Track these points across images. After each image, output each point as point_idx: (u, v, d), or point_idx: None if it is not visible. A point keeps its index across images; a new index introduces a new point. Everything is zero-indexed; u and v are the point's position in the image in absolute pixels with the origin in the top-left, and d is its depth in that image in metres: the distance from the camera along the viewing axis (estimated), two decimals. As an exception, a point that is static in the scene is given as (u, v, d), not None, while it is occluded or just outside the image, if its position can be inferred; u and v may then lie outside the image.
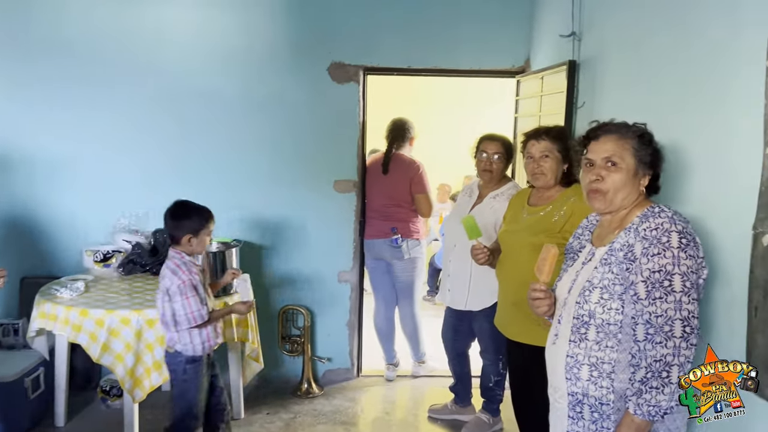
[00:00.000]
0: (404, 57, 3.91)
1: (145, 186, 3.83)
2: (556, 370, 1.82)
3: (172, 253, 2.66)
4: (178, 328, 2.62)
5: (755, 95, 1.67)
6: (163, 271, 2.63)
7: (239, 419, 3.50)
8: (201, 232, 2.67)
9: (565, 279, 1.88)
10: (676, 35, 2.16)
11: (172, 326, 2.62)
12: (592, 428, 1.74)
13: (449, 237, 3.42)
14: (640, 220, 1.71)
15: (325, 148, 3.91)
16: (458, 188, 6.15)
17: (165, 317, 2.63)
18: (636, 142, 1.75)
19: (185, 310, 2.59)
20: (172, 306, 2.60)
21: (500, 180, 3.25)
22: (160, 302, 2.64)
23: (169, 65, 3.78)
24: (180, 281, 2.58)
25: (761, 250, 1.65)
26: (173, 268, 2.61)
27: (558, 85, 3.19)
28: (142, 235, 3.71)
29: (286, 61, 3.83)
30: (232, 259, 3.31)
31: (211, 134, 3.86)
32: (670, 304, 1.59)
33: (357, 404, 3.79)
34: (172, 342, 2.67)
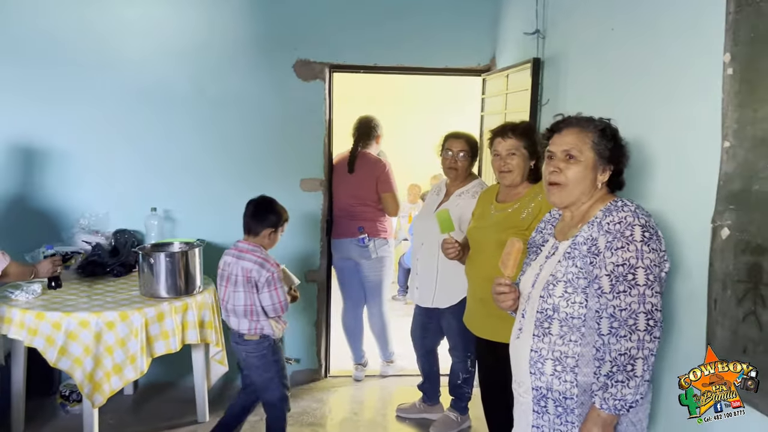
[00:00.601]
0: (371, 55, 3.89)
1: (106, 186, 3.74)
2: (520, 364, 1.81)
3: (250, 247, 2.76)
4: (268, 317, 2.78)
5: (714, 89, 1.69)
6: (245, 264, 2.72)
7: (204, 422, 3.44)
8: (279, 228, 2.83)
9: (529, 273, 1.88)
10: (636, 31, 2.19)
11: (261, 315, 2.75)
12: (557, 422, 1.74)
13: (417, 236, 3.41)
14: (603, 213, 1.71)
15: (291, 147, 3.87)
16: (428, 188, 6.15)
17: (251, 307, 2.74)
18: (596, 135, 1.76)
19: (273, 300, 2.75)
20: (259, 297, 2.73)
21: (466, 178, 3.25)
22: (242, 293, 2.73)
23: (131, 62, 3.69)
24: (269, 273, 2.72)
25: (720, 243, 1.67)
26: (260, 261, 2.72)
27: (523, 83, 3.20)
28: (102, 236, 3.62)
29: (251, 57, 3.77)
30: (195, 260, 3.24)
31: (173, 132, 3.78)
32: (634, 297, 1.60)
33: (325, 405, 3.75)
34: (256, 329, 2.77)
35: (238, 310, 2.77)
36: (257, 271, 2.72)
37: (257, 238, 2.80)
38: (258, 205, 2.82)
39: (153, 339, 3.00)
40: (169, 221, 3.80)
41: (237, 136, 3.83)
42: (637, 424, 1.74)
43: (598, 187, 1.78)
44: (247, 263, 2.73)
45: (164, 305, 3.05)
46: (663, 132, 1.98)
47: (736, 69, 1.62)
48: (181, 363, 3.60)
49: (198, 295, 3.24)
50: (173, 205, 3.81)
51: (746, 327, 1.56)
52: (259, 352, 2.82)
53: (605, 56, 2.44)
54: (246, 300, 2.74)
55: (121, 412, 3.53)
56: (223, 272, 2.82)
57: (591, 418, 1.66)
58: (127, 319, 2.92)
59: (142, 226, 3.73)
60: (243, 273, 2.73)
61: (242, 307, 2.75)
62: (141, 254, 3.15)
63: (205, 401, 3.46)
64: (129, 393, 3.77)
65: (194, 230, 3.79)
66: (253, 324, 2.77)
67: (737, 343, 1.59)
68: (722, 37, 1.66)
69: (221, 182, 3.84)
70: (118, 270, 3.48)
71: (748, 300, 1.56)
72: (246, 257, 2.75)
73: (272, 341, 2.84)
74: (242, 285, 2.73)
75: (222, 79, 3.77)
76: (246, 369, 2.92)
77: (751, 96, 1.57)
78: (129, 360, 2.92)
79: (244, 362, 2.90)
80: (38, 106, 3.64)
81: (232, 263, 2.78)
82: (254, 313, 2.76)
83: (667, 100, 1.97)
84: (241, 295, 2.75)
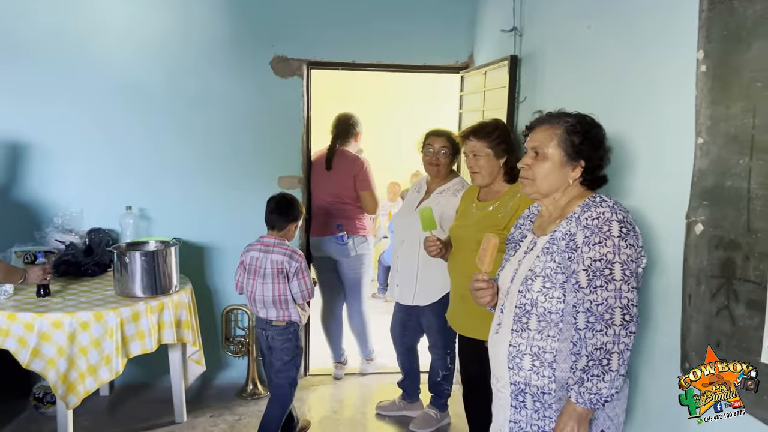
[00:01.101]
0: (349, 52, 3.87)
1: (80, 184, 3.67)
2: (499, 359, 1.82)
3: (277, 240, 2.95)
4: (296, 304, 2.97)
5: (688, 86, 1.70)
6: (275, 257, 2.91)
7: (181, 423, 3.40)
8: (299, 220, 3.03)
9: (507, 269, 1.88)
10: (612, 28, 2.20)
11: (290, 303, 2.95)
12: (534, 417, 1.75)
13: (398, 233, 3.40)
14: (581, 209, 1.72)
15: (268, 144, 3.84)
16: (408, 186, 6.14)
17: (280, 297, 2.92)
18: (564, 132, 1.76)
19: (301, 288, 2.95)
20: (290, 286, 2.93)
21: (447, 175, 3.26)
22: (271, 285, 2.91)
23: (107, 60, 3.62)
24: (297, 263, 2.93)
25: (694, 239, 1.68)
26: (289, 253, 2.92)
27: (500, 80, 3.21)
28: (76, 235, 3.55)
29: (228, 54, 3.73)
30: (172, 258, 3.20)
31: (149, 130, 3.72)
32: (611, 292, 1.60)
33: (304, 404, 3.73)
34: (284, 317, 2.96)
35: (267, 300, 2.94)
36: (288, 262, 2.91)
37: (282, 232, 2.97)
38: (280, 202, 2.99)
39: (128, 339, 2.96)
40: (144, 220, 3.75)
41: (214, 134, 3.78)
42: (614, 418, 1.75)
43: (570, 183, 1.78)
44: (277, 256, 2.91)
45: (140, 305, 3.01)
46: (639, 129, 2.00)
47: (709, 66, 1.64)
48: (158, 363, 3.56)
49: (174, 294, 3.21)
50: (149, 203, 3.76)
51: (719, 321, 1.58)
52: (285, 336, 2.99)
53: (582, 54, 2.45)
54: (275, 291, 2.92)
55: (96, 414, 3.48)
56: (250, 266, 2.96)
57: (566, 412, 1.66)
58: (102, 319, 2.87)
59: (117, 225, 3.67)
60: (273, 265, 2.90)
61: (271, 297, 2.93)
62: (116, 253, 3.10)
63: (182, 402, 3.42)
64: (105, 394, 3.72)
65: (170, 229, 3.74)
66: (281, 312, 2.95)
67: (711, 338, 1.61)
68: (696, 35, 1.68)
69: (198, 180, 3.80)
70: (93, 269, 3.42)
71: (722, 295, 1.57)
72: (275, 251, 2.92)
73: (297, 327, 3.04)
74: (271, 277, 2.91)
75: (199, 77, 3.72)
76: (269, 353, 3.04)
77: (723, 93, 1.58)
78: (104, 361, 2.88)
79: (269, 347, 3.03)
80: (12, 104, 3.56)
81: (260, 257, 2.93)
82: (283, 301, 2.94)
83: (644, 98, 1.98)
84: (270, 287, 2.91)
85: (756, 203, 1.45)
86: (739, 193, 1.51)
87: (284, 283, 2.92)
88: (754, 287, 1.45)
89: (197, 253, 3.84)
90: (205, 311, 3.82)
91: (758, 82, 1.46)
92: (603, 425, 1.73)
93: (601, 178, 1.84)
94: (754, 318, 1.45)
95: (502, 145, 2.59)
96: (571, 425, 1.65)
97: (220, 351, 3.92)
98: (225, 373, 3.98)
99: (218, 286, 3.91)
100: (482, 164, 2.60)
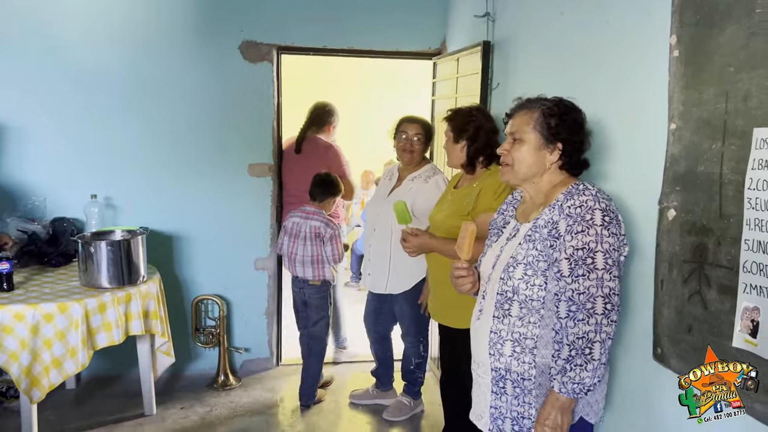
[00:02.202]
0: (320, 37, 3.81)
1: (42, 172, 3.56)
2: (480, 345, 1.81)
3: (316, 209, 3.41)
4: (329, 265, 3.44)
5: (662, 71, 1.70)
6: (313, 223, 3.37)
7: (151, 415, 3.34)
8: (337, 196, 3.52)
9: (489, 255, 1.87)
10: (585, 14, 2.18)
11: (325, 264, 3.41)
12: (514, 403, 1.74)
13: (370, 221, 3.38)
14: (564, 197, 1.70)
15: (238, 131, 3.76)
16: (381, 174, 6.12)
17: (317, 257, 3.39)
18: (540, 115, 1.76)
19: (334, 252, 3.40)
20: (324, 249, 3.38)
21: (420, 162, 3.23)
22: (310, 246, 3.37)
23: (67, 44, 3.51)
24: (332, 230, 3.40)
25: (666, 224, 1.69)
26: (325, 221, 3.39)
27: (473, 67, 3.19)
28: (39, 224, 3.44)
29: (195, 38, 3.64)
30: (139, 248, 3.12)
31: (114, 118, 3.62)
32: (593, 281, 1.60)
33: (276, 394, 3.70)
34: (320, 275, 3.42)
35: (306, 260, 3.39)
36: (324, 228, 3.37)
37: (321, 203, 3.43)
38: (323, 179, 3.45)
39: (95, 331, 2.89)
40: (110, 209, 3.66)
41: (181, 121, 3.69)
42: (594, 405, 1.76)
43: (548, 167, 1.77)
44: (315, 222, 3.38)
45: (106, 296, 2.93)
46: (613, 115, 1.99)
47: (681, 51, 1.63)
48: (126, 355, 3.48)
49: (142, 284, 3.13)
50: (114, 192, 3.67)
51: (691, 306, 1.58)
52: (320, 294, 3.46)
53: (555, 39, 2.44)
54: (313, 252, 3.37)
55: (62, 408, 3.39)
56: (292, 230, 3.42)
57: (550, 401, 1.66)
58: (67, 310, 2.79)
59: (82, 214, 3.57)
60: (312, 230, 3.37)
61: (309, 258, 3.38)
62: (81, 243, 3.02)
63: (151, 394, 3.35)
64: (71, 387, 3.63)
65: (138, 218, 3.66)
66: (317, 271, 3.40)
67: (682, 322, 1.61)
68: (669, 19, 1.67)
69: (166, 168, 3.71)
70: (57, 260, 3.33)
71: (694, 280, 1.58)
72: (313, 218, 3.39)
73: (329, 285, 3.52)
74: (310, 240, 3.36)
75: (165, 62, 3.63)
76: (305, 308, 3.50)
77: (696, 78, 1.58)
78: (69, 353, 2.80)
79: (304, 303, 3.49)
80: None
81: (301, 222, 3.40)
82: (319, 261, 3.40)
83: (617, 83, 1.97)
84: (309, 248, 3.37)
85: (728, 188, 1.45)
86: (711, 179, 1.51)
87: (320, 246, 3.37)
88: (726, 272, 1.45)
89: (165, 242, 3.76)
90: (175, 302, 3.75)
91: (730, 66, 1.46)
92: (582, 412, 1.73)
93: (582, 162, 1.82)
94: (726, 302, 1.45)
95: (466, 129, 2.57)
96: (554, 415, 1.65)
97: (189, 342, 3.86)
98: (195, 364, 3.92)
99: (187, 276, 3.84)
100: (445, 146, 2.68)
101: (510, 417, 1.75)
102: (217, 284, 3.87)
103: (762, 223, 1.34)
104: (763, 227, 1.33)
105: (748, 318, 1.38)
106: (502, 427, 1.76)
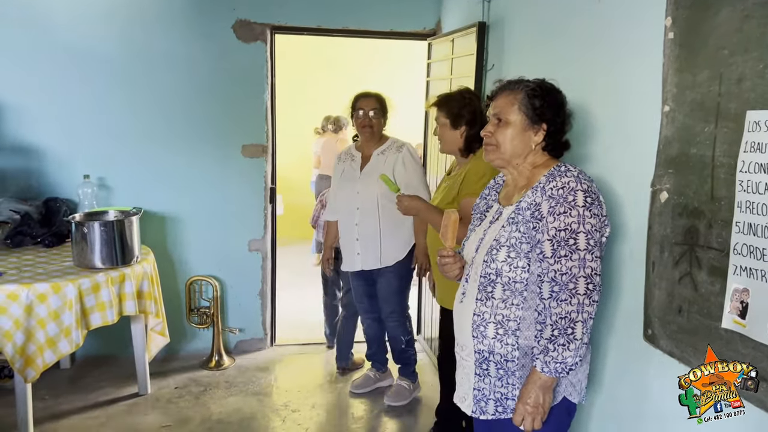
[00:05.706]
0: (314, 16, 3.78)
1: (34, 152, 3.54)
2: (464, 328, 1.82)
3: None
4: None
5: (655, 54, 1.69)
6: None
7: (146, 395, 3.36)
8: None
9: (473, 238, 1.88)
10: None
11: None
12: (498, 385, 1.76)
13: (346, 204, 3.32)
14: (546, 179, 1.71)
15: (231, 111, 3.74)
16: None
17: None
18: (524, 96, 1.76)
19: None
20: None
21: (381, 137, 3.26)
22: None
23: (59, 20, 3.47)
24: None
25: (658, 206, 1.69)
26: None
27: (468, 48, 3.17)
28: (32, 205, 3.43)
29: (187, 17, 3.61)
30: (132, 228, 3.12)
31: (107, 98, 3.60)
32: (575, 262, 1.61)
33: (270, 374, 3.72)
34: None
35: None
36: None
37: None
38: None
39: (89, 311, 2.89)
40: (103, 189, 3.64)
41: (174, 101, 3.67)
42: (576, 384, 1.77)
43: (532, 148, 1.78)
44: None
45: (100, 276, 2.93)
46: (606, 97, 1.99)
47: (676, 33, 1.63)
48: (120, 335, 3.50)
49: (136, 265, 3.14)
50: (108, 172, 3.65)
51: (682, 288, 1.60)
52: None
53: (549, 20, 2.43)
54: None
55: (57, 387, 3.41)
56: None
57: (531, 380, 1.68)
58: (60, 290, 2.79)
59: (75, 195, 3.56)
60: None
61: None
62: (74, 223, 3.01)
63: (146, 373, 3.37)
64: (66, 367, 3.65)
65: (131, 198, 3.65)
66: None
67: (673, 304, 1.63)
68: (664, 2, 1.66)
69: (159, 149, 3.69)
70: (50, 240, 3.32)
71: (684, 262, 1.59)
72: None
73: None
74: None
75: (157, 41, 3.60)
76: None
77: (690, 60, 1.57)
78: (63, 333, 2.81)
79: None
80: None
81: None
82: None
83: (610, 64, 1.97)
84: None
85: (720, 171, 1.46)
86: (703, 161, 1.52)
87: None
88: (717, 254, 1.46)
89: (159, 222, 3.75)
90: (169, 282, 3.76)
91: (725, 49, 1.45)
92: (565, 392, 1.75)
93: (564, 144, 1.83)
94: (716, 284, 1.47)
95: (463, 114, 2.57)
96: (535, 393, 1.66)
97: (184, 322, 3.87)
98: (190, 344, 3.93)
99: (182, 257, 3.84)
100: (440, 133, 2.65)
101: (493, 398, 1.77)
102: (211, 265, 3.87)
103: (753, 206, 1.35)
104: (754, 209, 1.34)
105: (738, 299, 1.39)
106: (485, 409, 1.78)
